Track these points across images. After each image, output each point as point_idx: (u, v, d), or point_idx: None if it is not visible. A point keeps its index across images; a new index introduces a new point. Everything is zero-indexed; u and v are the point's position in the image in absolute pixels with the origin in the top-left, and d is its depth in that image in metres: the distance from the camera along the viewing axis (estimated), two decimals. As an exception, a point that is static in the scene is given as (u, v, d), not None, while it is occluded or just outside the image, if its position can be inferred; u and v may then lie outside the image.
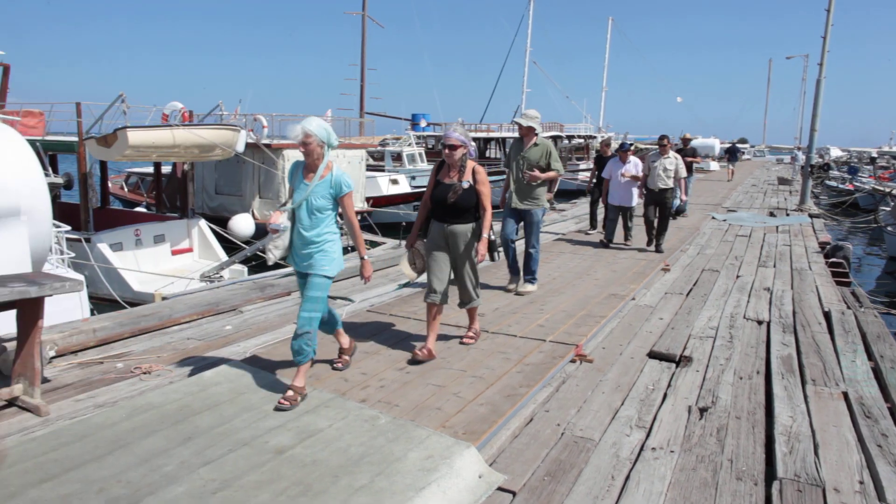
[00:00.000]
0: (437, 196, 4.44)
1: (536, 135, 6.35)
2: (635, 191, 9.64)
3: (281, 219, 3.67)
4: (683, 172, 9.42)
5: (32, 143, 5.70)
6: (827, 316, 5.92)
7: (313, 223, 3.72)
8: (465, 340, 4.80)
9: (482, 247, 4.40)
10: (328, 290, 3.78)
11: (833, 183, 30.83)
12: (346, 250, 4.96)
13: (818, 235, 11.58)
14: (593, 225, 11.30)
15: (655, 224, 9.29)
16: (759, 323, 5.70)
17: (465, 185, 4.36)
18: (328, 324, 4.11)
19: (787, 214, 14.78)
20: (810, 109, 16.27)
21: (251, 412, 3.49)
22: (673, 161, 9.18)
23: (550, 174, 6.40)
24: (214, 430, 3.26)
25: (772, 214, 14.60)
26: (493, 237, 4.52)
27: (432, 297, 4.43)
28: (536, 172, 6.29)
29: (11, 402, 3.58)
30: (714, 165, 37.23)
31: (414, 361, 4.33)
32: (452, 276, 4.57)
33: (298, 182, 3.77)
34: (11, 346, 3.78)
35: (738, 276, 7.72)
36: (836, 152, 62.68)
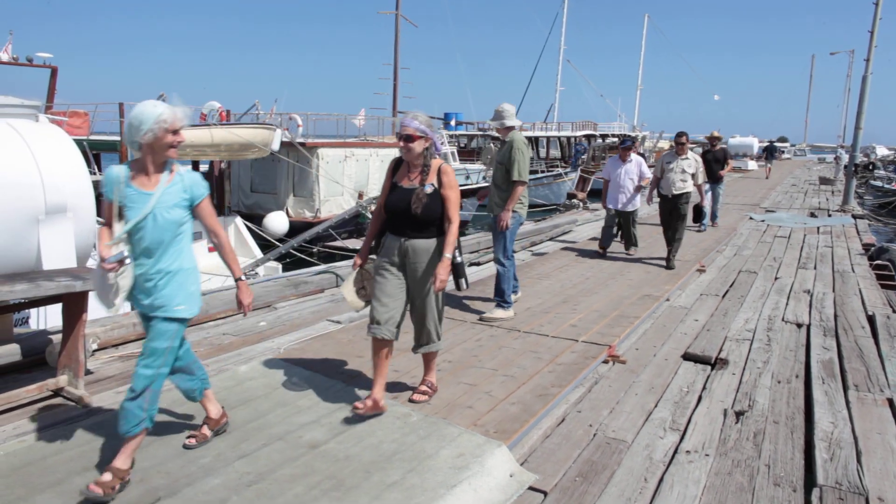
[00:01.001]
0: (392, 203, 3.51)
1: (511, 129, 5.54)
2: (635, 195, 8.55)
3: (114, 249, 2.69)
4: (702, 177, 8.21)
5: (79, 142, 5.90)
6: (871, 320, 5.74)
7: (162, 245, 2.79)
8: (414, 398, 3.68)
9: (441, 271, 3.40)
10: (180, 338, 2.88)
11: (878, 183, 29.83)
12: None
13: (862, 237, 11.23)
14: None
15: (670, 230, 8.06)
16: (799, 326, 5.55)
17: (429, 189, 3.44)
18: (190, 382, 3.08)
19: (829, 215, 14.36)
20: (855, 107, 15.79)
21: (285, 407, 3.54)
22: (692, 163, 8.01)
23: (513, 190, 5.41)
24: (249, 425, 3.32)
25: (812, 215, 14.21)
26: (458, 259, 3.66)
27: (377, 330, 3.39)
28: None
29: (57, 393, 3.71)
30: (752, 165, 36.43)
31: (355, 419, 3.40)
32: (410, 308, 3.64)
33: (129, 192, 2.75)
34: (57, 339, 3.92)
35: (776, 278, 7.53)
36: (882, 151, 60.62)
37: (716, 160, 11.65)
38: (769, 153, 29.18)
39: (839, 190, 20.31)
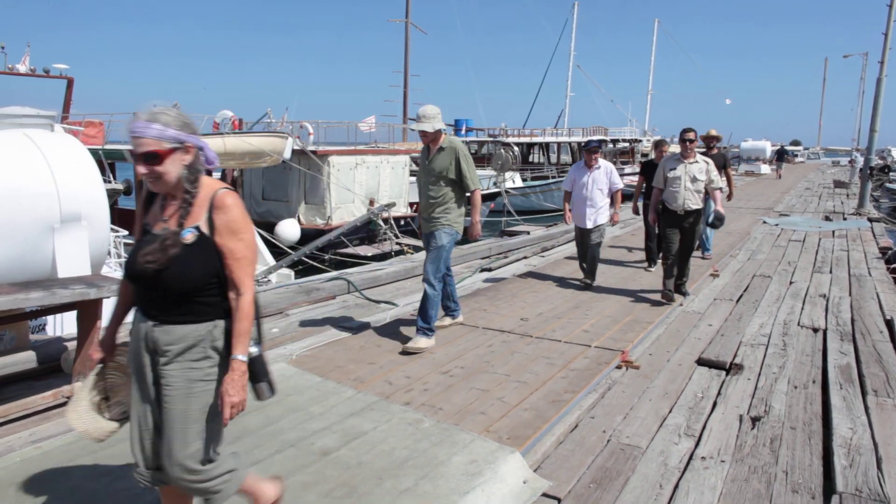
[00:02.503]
0: (130, 262, 2.10)
1: (444, 134, 4.81)
2: (605, 208, 6.93)
3: None
4: (719, 182, 6.37)
5: (94, 151, 5.98)
6: (889, 324, 5.65)
7: None
8: None
9: (230, 387, 2.07)
10: None
11: (894, 186, 29.49)
12: (389, 255, 4.63)
13: (878, 240, 11.09)
14: (650, 258, 8.11)
15: (673, 256, 6.26)
16: (815, 330, 5.48)
17: (188, 235, 2.05)
18: None
19: (844, 218, 14.20)
20: (869, 109, 15.64)
21: (297, 413, 3.55)
22: (703, 168, 6.18)
23: (474, 201, 4.86)
24: (262, 431, 3.33)
25: (827, 219, 14.06)
26: (255, 352, 2.17)
27: (140, 476, 2.18)
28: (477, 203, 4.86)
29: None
30: (765, 168, 36.18)
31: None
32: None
33: None
34: (72, 346, 3.95)
35: (791, 282, 7.45)
36: (897, 153, 59.90)
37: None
38: (779, 156, 31.38)
39: (854, 193, 20.09)
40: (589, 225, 6.90)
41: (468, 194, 4.85)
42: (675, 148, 8.11)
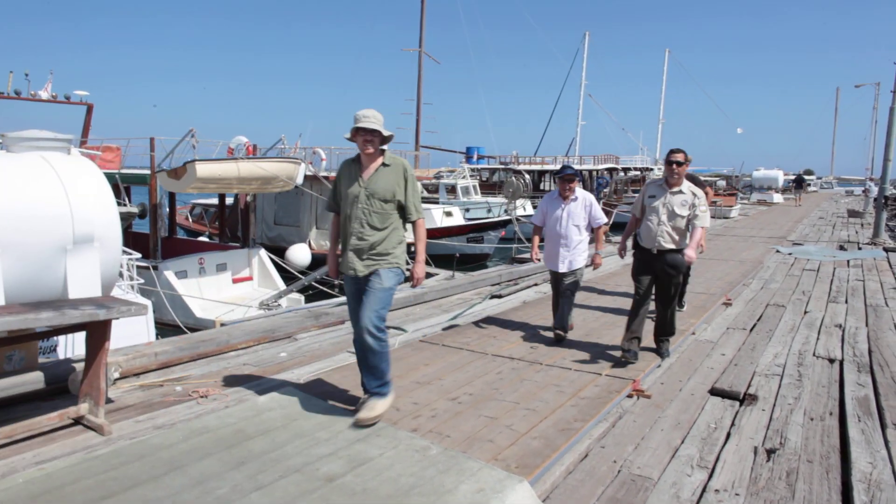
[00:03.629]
0: None
1: (383, 151, 3.84)
2: (583, 247, 5.86)
3: None
4: (705, 219, 5.10)
5: (111, 175, 6.06)
6: (907, 355, 5.54)
7: None
8: None
9: None
10: None
11: (909, 216, 29.19)
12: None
13: (895, 270, 10.94)
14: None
15: (639, 306, 5.22)
16: (831, 361, 5.38)
17: None
18: None
19: (859, 248, 14.05)
20: (883, 138, 15.57)
21: (303, 439, 3.50)
22: (688, 201, 5.04)
23: (419, 233, 3.92)
24: (267, 456, 3.28)
25: (842, 248, 13.91)
26: None
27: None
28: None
29: (78, 421, 3.72)
30: (778, 197, 36.01)
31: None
32: None
33: None
34: (80, 367, 3.94)
35: (805, 312, 7.34)
36: (912, 183, 59.43)
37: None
38: (798, 184, 33.57)
39: (869, 223, 19.91)
40: (562, 268, 5.79)
41: (409, 223, 3.95)
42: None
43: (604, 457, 3.48)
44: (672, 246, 5.09)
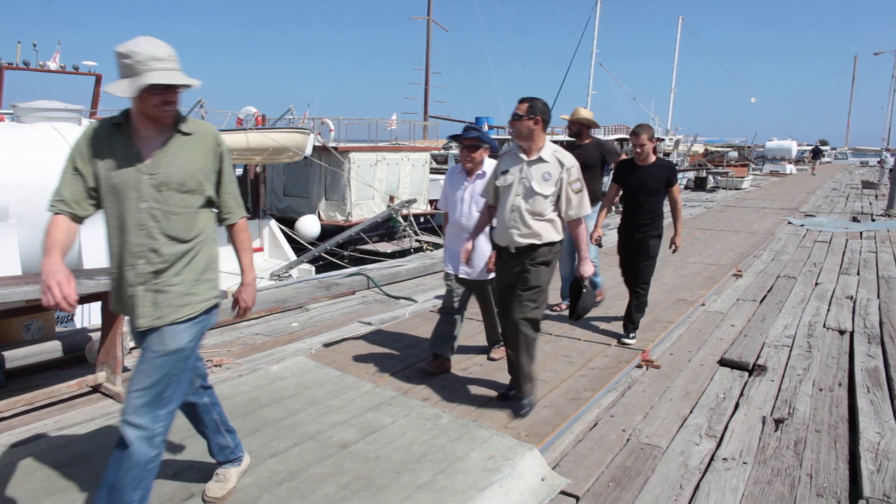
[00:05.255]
0: None
1: (181, 119, 2.25)
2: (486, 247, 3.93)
3: None
4: (583, 205, 3.48)
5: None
6: (918, 327, 5.52)
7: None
8: None
9: None
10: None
11: (925, 187, 28.80)
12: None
13: (908, 242, 10.84)
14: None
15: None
16: (841, 333, 5.37)
17: None
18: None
19: (873, 219, 13.90)
20: (900, 108, 15.26)
21: (316, 406, 3.56)
22: (554, 172, 3.43)
23: (242, 241, 2.56)
24: (281, 423, 3.35)
25: (855, 220, 13.77)
26: None
27: None
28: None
29: (96, 388, 3.80)
30: (791, 168, 35.59)
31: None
32: None
33: None
34: (96, 336, 4.01)
35: (816, 284, 7.31)
36: (928, 154, 58.48)
37: (586, 165, 4.75)
38: (815, 154, 35.86)
39: (883, 194, 19.65)
40: (468, 274, 3.99)
41: (228, 226, 2.52)
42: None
43: (613, 426, 3.52)
44: (528, 241, 3.40)
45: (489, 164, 3.95)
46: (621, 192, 4.98)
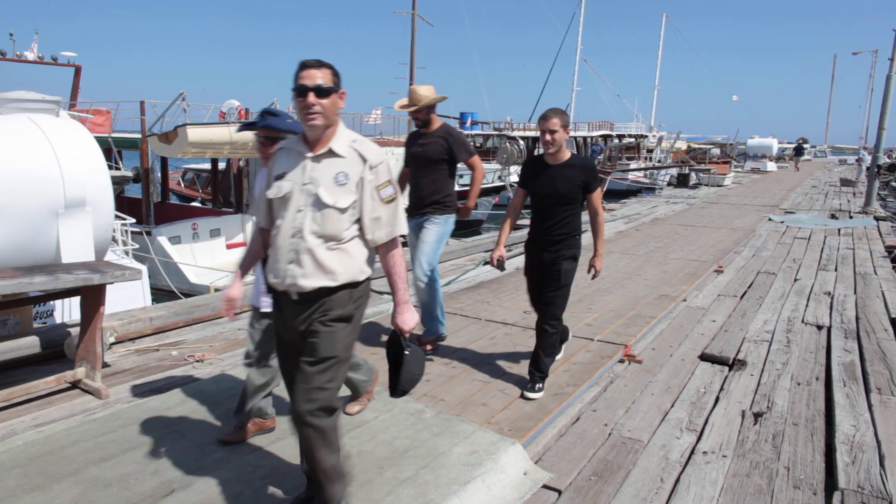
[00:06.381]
0: None
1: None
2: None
3: None
4: (399, 223, 2.40)
5: (103, 139, 5.97)
6: (894, 322, 5.63)
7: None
8: None
9: None
10: None
11: (902, 185, 29.31)
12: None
13: (885, 239, 11.03)
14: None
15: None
16: (819, 328, 5.46)
17: None
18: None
19: (851, 217, 14.13)
20: (878, 107, 15.52)
21: (299, 402, 3.54)
22: (354, 170, 2.28)
23: None
24: (264, 418, 3.32)
25: (833, 217, 13.98)
26: None
27: None
28: None
29: (75, 385, 3.75)
30: (771, 166, 36.01)
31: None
32: None
33: None
34: (75, 332, 3.96)
35: (795, 280, 7.42)
36: (905, 152, 59.51)
37: (428, 160, 4.47)
38: (797, 151, 37.70)
39: (861, 192, 19.98)
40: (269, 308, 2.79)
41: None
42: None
43: (595, 420, 3.54)
44: (322, 283, 2.27)
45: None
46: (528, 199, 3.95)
